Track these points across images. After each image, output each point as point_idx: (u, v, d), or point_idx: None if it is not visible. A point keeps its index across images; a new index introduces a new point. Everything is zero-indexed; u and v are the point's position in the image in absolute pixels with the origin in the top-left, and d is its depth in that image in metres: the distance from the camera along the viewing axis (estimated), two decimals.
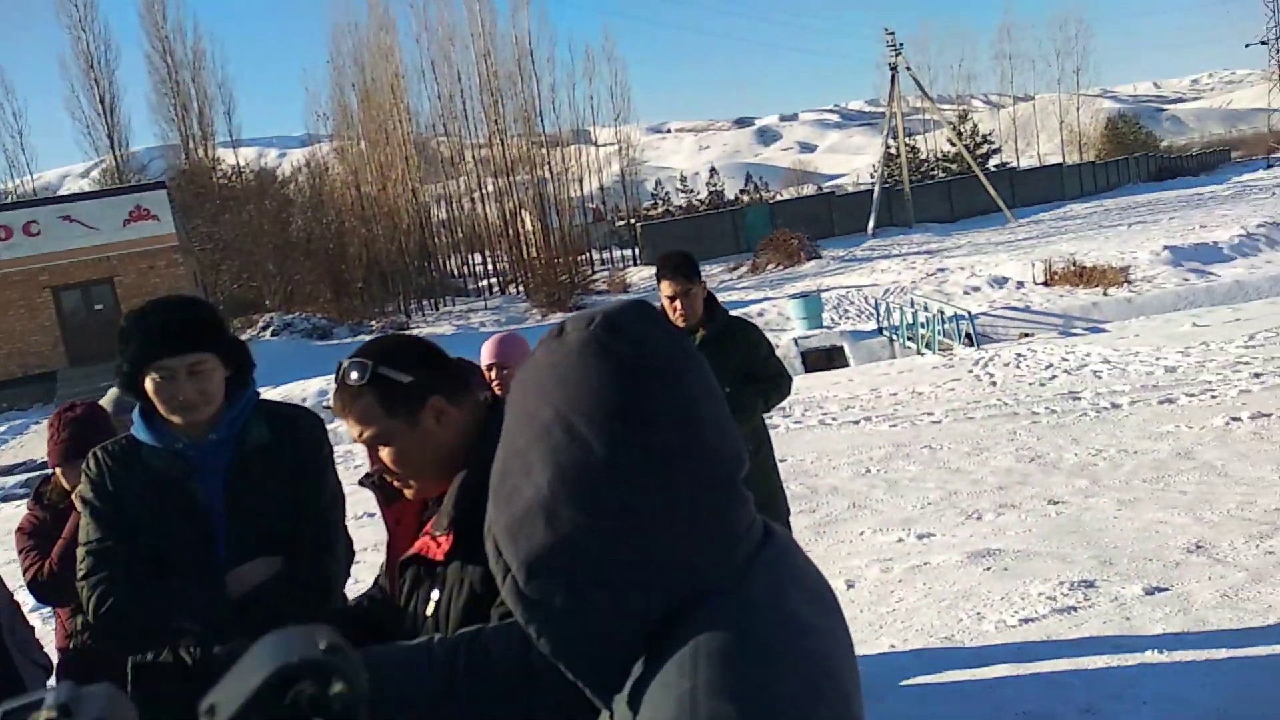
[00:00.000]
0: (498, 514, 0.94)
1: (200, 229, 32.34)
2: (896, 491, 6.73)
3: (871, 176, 56.02)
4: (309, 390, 17.79)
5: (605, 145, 56.86)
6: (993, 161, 59.68)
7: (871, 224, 40.58)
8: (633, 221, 48.05)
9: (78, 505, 2.21)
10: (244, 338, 28.67)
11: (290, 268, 36.23)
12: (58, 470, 3.11)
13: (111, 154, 42.43)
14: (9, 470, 15.07)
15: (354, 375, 1.62)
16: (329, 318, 31.42)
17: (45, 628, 3.56)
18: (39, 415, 20.94)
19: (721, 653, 0.83)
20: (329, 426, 2.55)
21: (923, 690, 3.88)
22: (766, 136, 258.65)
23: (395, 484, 1.72)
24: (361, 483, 1.86)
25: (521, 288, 40.69)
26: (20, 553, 3.08)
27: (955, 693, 3.82)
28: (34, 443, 17.07)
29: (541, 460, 0.90)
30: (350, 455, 8.84)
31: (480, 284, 45.37)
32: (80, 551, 2.12)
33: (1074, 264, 21.83)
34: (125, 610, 2.07)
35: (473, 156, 48.90)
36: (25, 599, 3.48)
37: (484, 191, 48.08)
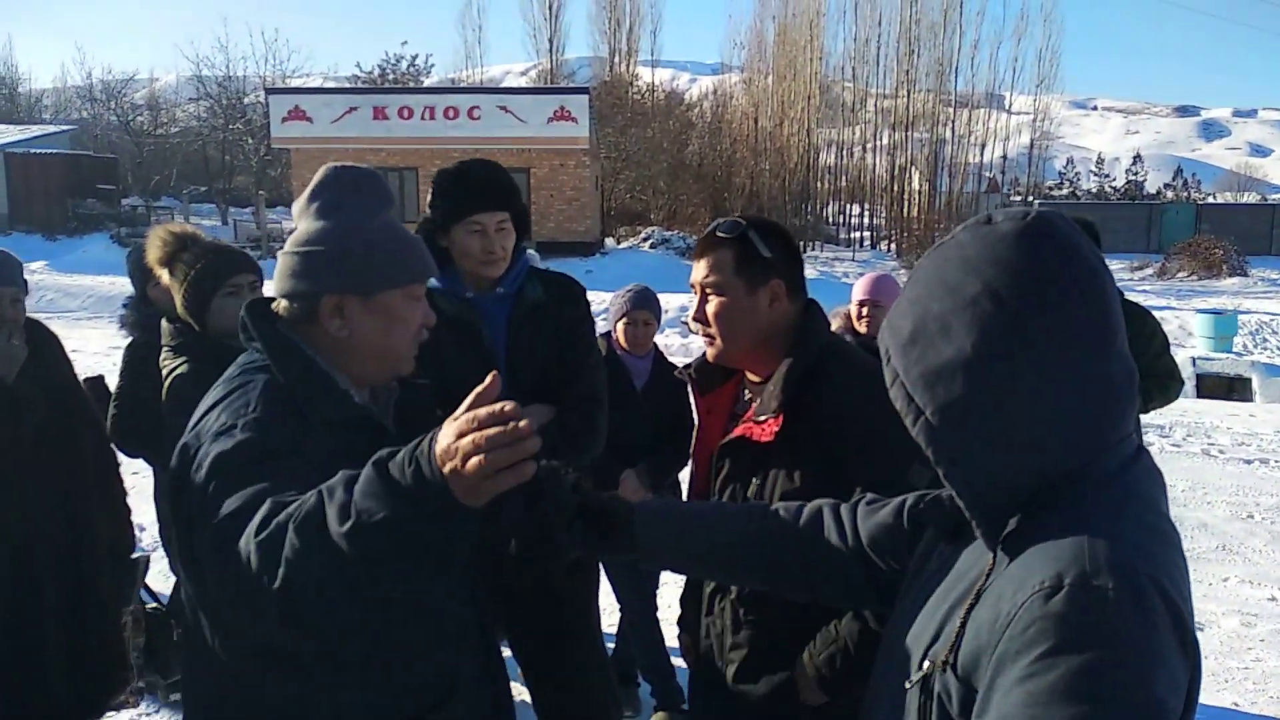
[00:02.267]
0: (909, 366, 1.08)
1: (608, 138, 34.69)
2: None
3: None
4: (671, 305, 18.69)
5: (1018, 114, 52.94)
6: None
7: None
8: (1031, 198, 44.71)
9: None
10: (626, 245, 30.59)
11: (679, 187, 37.90)
12: None
13: (549, 57, 46.64)
14: None
15: (725, 227, 1.83)
16: None
17: None
18: None
19: (1114, 516, 0.98)
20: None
21: None
22: (1211, 131, 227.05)
23: (703, 334, 1.87)
24: (679, 371, 2.02)
25: (893, 246, 39.59)
26: None
27: None
28: None
29: (966, 325, 1.03)
30: None
31: (852, 235, 44.77)
32: None
33: None
34: None
35: (875, 106, 47.80)
36: None
37: (877, 143, 46.96)
